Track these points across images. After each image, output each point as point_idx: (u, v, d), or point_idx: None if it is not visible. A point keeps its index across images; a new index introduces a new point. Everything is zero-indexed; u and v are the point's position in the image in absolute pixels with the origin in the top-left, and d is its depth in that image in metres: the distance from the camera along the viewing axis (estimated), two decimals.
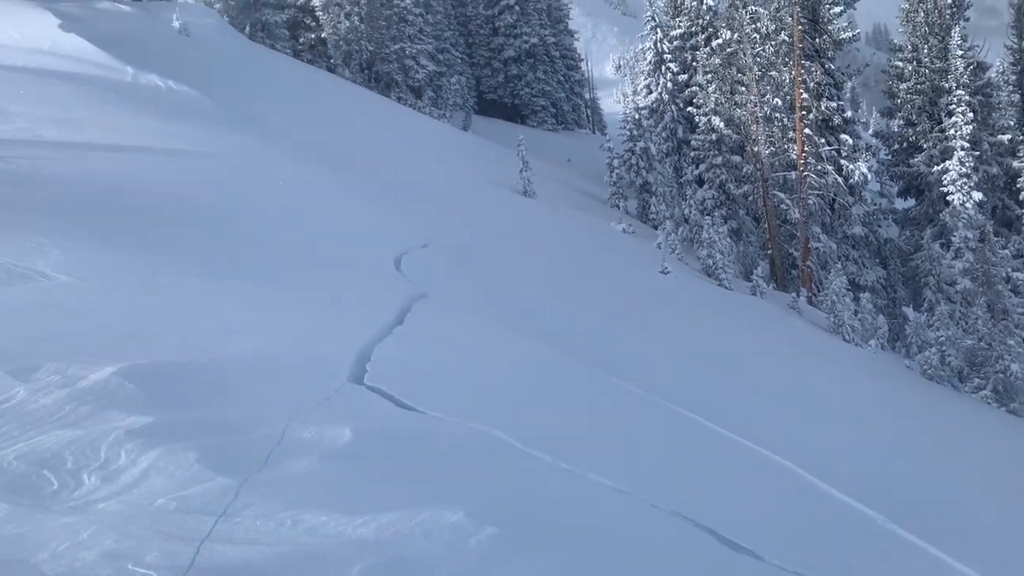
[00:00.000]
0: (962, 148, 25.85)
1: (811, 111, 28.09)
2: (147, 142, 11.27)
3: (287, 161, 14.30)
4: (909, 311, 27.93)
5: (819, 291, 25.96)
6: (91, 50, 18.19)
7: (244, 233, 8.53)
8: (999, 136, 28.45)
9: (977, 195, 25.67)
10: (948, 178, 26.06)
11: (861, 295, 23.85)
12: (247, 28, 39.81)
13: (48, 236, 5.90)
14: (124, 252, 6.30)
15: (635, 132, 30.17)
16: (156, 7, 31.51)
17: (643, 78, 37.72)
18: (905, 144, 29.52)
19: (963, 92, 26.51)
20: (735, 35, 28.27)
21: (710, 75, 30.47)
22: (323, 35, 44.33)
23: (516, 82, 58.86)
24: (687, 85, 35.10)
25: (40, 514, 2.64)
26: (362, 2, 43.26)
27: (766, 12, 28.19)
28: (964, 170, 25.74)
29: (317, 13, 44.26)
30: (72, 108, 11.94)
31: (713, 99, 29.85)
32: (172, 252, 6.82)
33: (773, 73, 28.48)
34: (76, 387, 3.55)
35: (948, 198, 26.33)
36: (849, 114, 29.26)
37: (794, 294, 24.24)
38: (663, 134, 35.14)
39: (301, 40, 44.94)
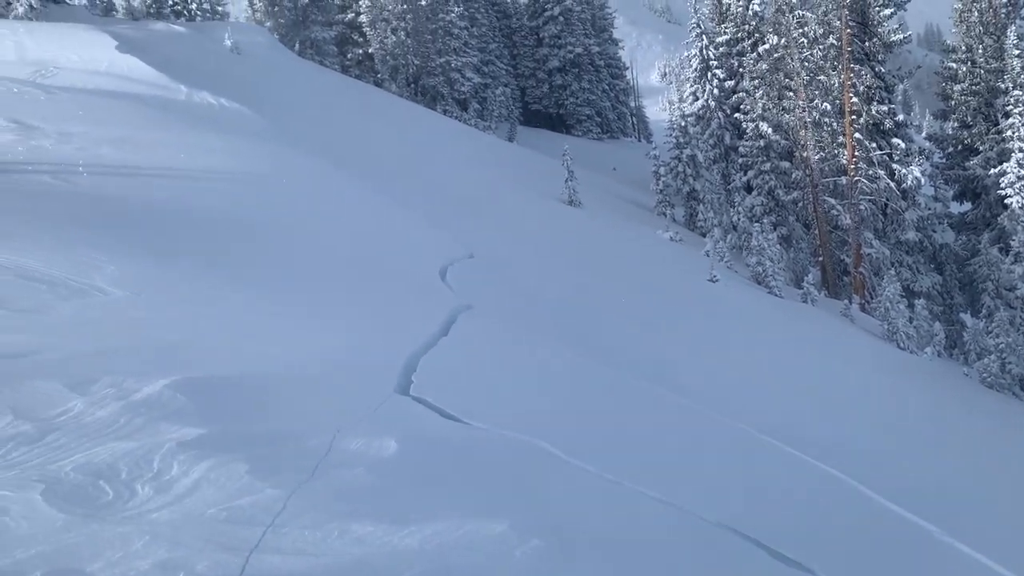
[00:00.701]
0: (1020, 150, 25.16)
1: (861, 115, 27.60)
2: (199, 159, 11.54)
3: (335, 175, 14.52)
4: (967, 317, 27.17)
5: (872, 298, 25.43)
6: (146, 70, 18.69)
7: (295, 246, 8.67)
8: None
9: None
10: (1006, 181, 25.37)
11: (916, 302, 23.29)
12: (296, 45, 40.60)
13: (105, 252, 6.08)
14: (178, 266, 6.45)
15: (681, 139, 29.96)
16: (209, 27, 32.31)
17: (689, 85, 37.45)
18: (960, 147, 28.83)
19: (1020, 92, 25.80)
20: (782, 40, 27.93)
21: (757, 81, 30.15)
22: (370, 50, 45.03)
23: (561, 92, 58.93)
24: (734, 91, 34.78)
25: (95, 524, 2.72)
26: (408, 17, 43.77)
27: (813, 16, 27.80)
28: (1023, 172, 25.02)
29: (364, 29, 44.96)
30: (128, 127, 12.28)
31: (760, 105, 29.51)
32: (224, 265, 6.97)
33: (822, 77, 28.05)
34: (130, 400, 3.64)
35: (1006, 201, 25.62)
36: (901, 117, 28.68)
37: (846, 301, 23.79)
38: (710, 141, 34.85)
39: (349, 56, 45.73)
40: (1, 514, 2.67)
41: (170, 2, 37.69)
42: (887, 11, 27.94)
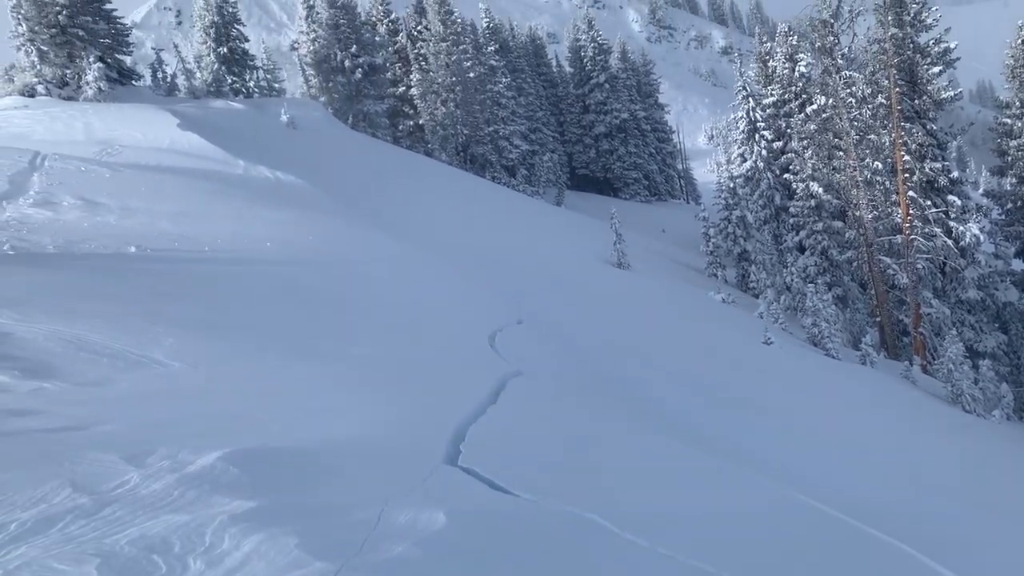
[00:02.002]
0: None
1: (914, 173, 27.26)
2: (256, 231, 11.88)
3: (387, 243, 14.78)
4: None
5: (934, 359, 24.71)
6: (206, 146, 19.44)
7: (349, 315, 8.81)
8: None
9: None
10: None
11: (980, 362, 22.54)
12: (350, 118, 41.88)
13: (163, 324, 6.25)
14: (234, 339, 6.59)
15: (731, 200, 29.90)
16: (265, 103, 33.56)
17: (737, 147, 37.54)
18: (1020, 203, 28.22)
19: None
20: (830, 100, 27.90)
21: (806, 141, 30.08)
22: (420, 121, 46.20)
23: (608, 156, 59.57)
24: (782, 152, 34.74)
25: None
26: (458, 89, 44.92)
27: (861, 76, 27.75)
28: None
29: (415, 101, 46.21)
30: (187, 202, 12.73)
31: (810, 165, 29.38)
32: (279, 337, 7.09)
33: (872, 136, 27.86)
34: (184, 472, 3.70)
35: None
36: (956, 174, 28.24)
37: (907, 363, 23.12)
38: (760, 202, 34.72)
39: (400, 127, 46.96)
40: None
41: (229, 80, 39.30)
42: (935, 69, 27.77)
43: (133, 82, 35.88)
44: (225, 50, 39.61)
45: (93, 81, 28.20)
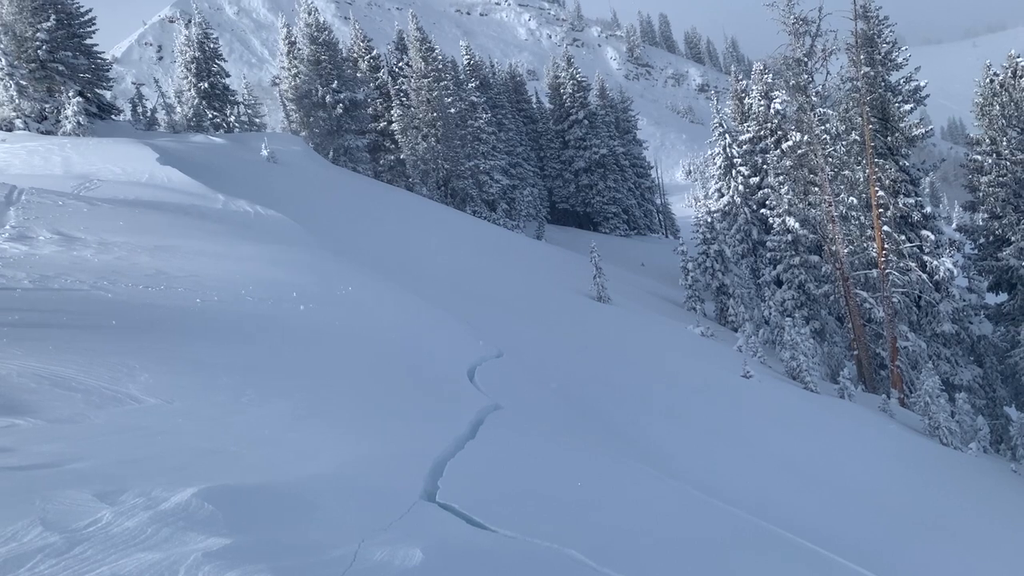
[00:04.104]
0: None
1: (888, 208, 27.71)
2: (234, 266, 11.83)
3: (366, 277, 14.76)
4: (1011, 411, 26.45)
5: (911, 392, 24.91)
6: (185, 180, 19.41)
7: (326, 351, 8.76)
8: None
9: None
10: None
11: (957, 395, 22.75)
12: (331, 152, 42.06)
13: (139, 359, 6.20)
14: (211, 374, 6.54)
15: (708, 235, 30.19)
16: (246, 137, 33.63)
17: (714, 182, 38.03)
18: (992, 237, 28.68)
19: None
20: (805, 137, 28.38)
21: (782, 176, 30.53)
22: (401, 156, 46.46)
23: (587, 191, 60.09)
24: (759, 187, 35.21)
25: None
26: (439, 124, 45.27)
27: (835, 113, 28.30)
28: None
29: (396, 136, 46.50)
30: (166, 236, 12.67)
31: (786, 200, 29.79)
32: (256, 372, 7.04)
33: (846, 172, 28.35)
34: (158, 509, 3.65)
35: None
36: (929, 209, 28.75)
37: (884, 396, 23.29)
38: (737, 236, 35.10)
39: (381, 161, 47.20)
40: None
41: (210, 115, 39.40)
42: (907, 107, 28.39)
43: (113, 117, 35.89)
44: (206, 85, 39.75)
45: (72, 116, 28.17)
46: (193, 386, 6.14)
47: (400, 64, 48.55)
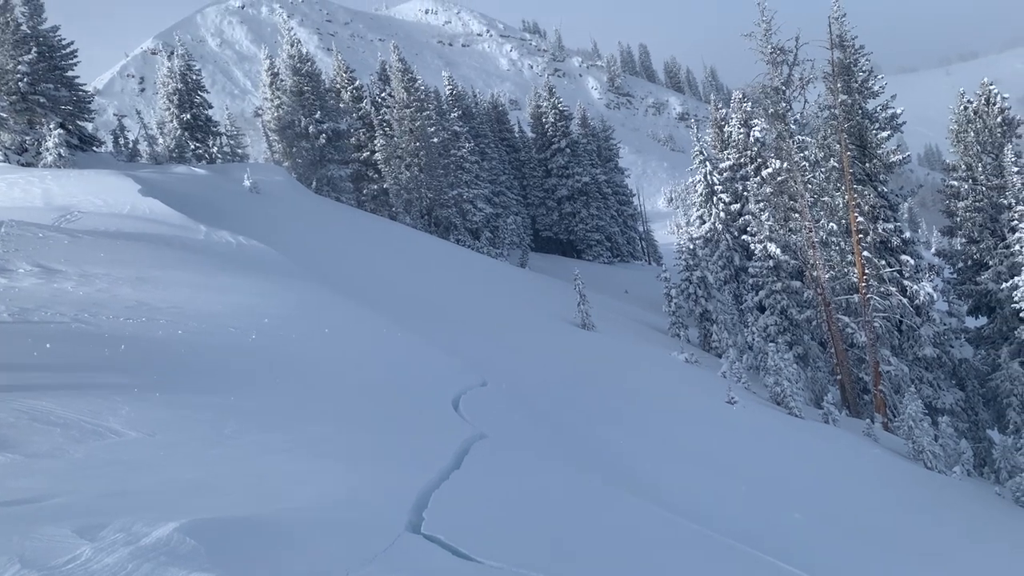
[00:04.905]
0: None
1: (868, 233, 28.01)
2: (216, 297, 11.77)
3: (350, 307, 14.72)
4: (994, 434, 26.60)
5: (894, 416, 25.02)
6: (167, 211, 19.33)
7: (311, 382, 8.71)
8: None
9: None
10: (1019, 294, 25.37)
11: (940, 419, 22.88)
12: (314, 183, 42.07)
13: (120, 393, 6.14)
14: (192, 407, 6.48)
15: (691, 262, 30.38)
16: (228, 168, 33.60)
17: (695, 209, 38.34)
18: (970, 262, 29.01)
19: (1023, 207, 26.18)
20: (784, 164, 28.72)
21: (762, 203, 30.82)
22: (385, 185, 46.55)
23: (571, 219, 60.40)
24: (740, 214, 35.53)
25: None
26: (421, 154, 45.46)
27: (813, 140, 28.68)
28: None
29: (379, 166, 46.62)
30: (147, 268, 12.60)
31: (767, 226, 30.05)
32: (239, 405, 6.99)
33: (826, 198, 28.68)
34: (139, 544, 3.59)
35: (1022, 315, 25.52)
36: (908, 235, 29.08)
37: (868, 420, 23.38)
38: (719, 262, 35.34)
39: (364, 191, 47.27)
40: None
41: (192, 146, 39.37)
42: (884, 133, 28.81)
43: (94, 148, 35.81)
44: (188, 116, 39.76)
45: (53, 147, 28.08)
46: (175, 419, 6.08)
47: (383, 94, 48.83)
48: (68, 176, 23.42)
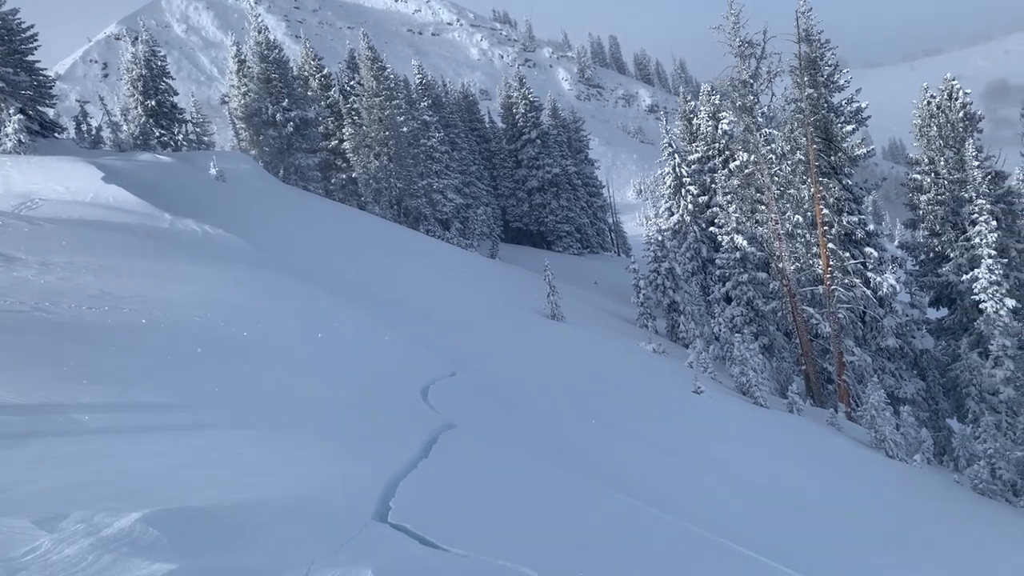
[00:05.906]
0: (989, 256, 25.80)
1: (833, 226, 28.37)
2: (180, 286, 11.62)
3: (317, 296, 14.62)
4: (954, 423, 27.14)
5: (858, 406, 25.43)
6: (131, 199, 19.02)
7: (276, 370, 8.64)
8: None
9: (1011, 302, 25.39)
10: (979, 286, 25.89)
11: (901, 408, 23.30)
12: (281, 171, 41.63)
13: (81, 383, 6.04)
14: (156, 396, 6.40)
15: (659, 253, 30.55)
16: (194, 156, 33.11)
17: (664, 201, 38.54)
18: (932, 254, 29.50)
19: (984, 201, 26.69)
20: (751, 157, 28.97)
21: (730, 195, 31.09)
22: (354, 175, 46.18)
23: (541, 210, 60.44)
24: (708, 206, 35.78)
25: None
26: (391, 143, 45.15)
27: (780, 133, 28.95)
28: (994, 277, 25.59)
29: (348, 155, 46.23)
30: (110, 256, 12.40)
31: (734, 218, 30.32)
32: (202, 393, 6.91)
33: (792, 191, 28.97)
34: (100, 535, 3.55)
35: (981, 306, 26.05)
36: (872, 227, 29.48)
37: (832, 410, 23.74)
38: (687, 254, 35.58)
39: (332, 180, 46.85)
40: None
41: (157, 134, 38.74)
42: (849, 127, 29.15)
43: (56, 135, 35.08)
44: (153, 103, 39.10)
45: (13, 133, 27.47)
46: (138, 408, 6.00)
47: (351, 83, 48.37)
48: (29, 163, 22.94)
